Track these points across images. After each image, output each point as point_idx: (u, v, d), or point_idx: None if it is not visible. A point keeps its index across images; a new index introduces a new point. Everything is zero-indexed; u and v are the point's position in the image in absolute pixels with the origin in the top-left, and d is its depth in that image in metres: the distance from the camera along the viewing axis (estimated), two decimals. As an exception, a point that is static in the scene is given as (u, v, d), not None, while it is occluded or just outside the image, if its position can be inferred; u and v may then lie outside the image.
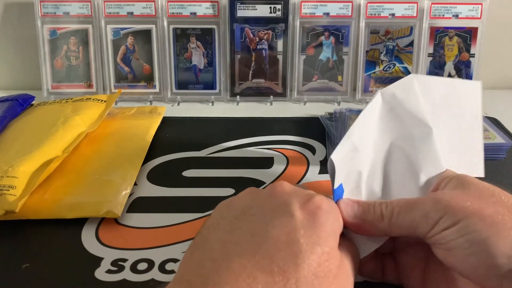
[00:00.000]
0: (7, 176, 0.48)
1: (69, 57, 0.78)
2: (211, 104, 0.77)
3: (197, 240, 0.31)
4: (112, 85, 0.78)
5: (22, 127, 0.60)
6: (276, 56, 0.77)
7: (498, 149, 0.58)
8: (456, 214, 0.30)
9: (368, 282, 0.39)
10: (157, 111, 0.70)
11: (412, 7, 0.75)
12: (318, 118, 0.70)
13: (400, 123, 0.38)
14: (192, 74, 0.78)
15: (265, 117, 0.72)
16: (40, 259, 0.42)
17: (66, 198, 0.48)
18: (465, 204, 0.31)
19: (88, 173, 0.53)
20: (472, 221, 0.30)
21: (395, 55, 0.77)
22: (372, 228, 0.34)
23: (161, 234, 0.45)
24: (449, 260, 0.31)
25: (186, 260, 0.30)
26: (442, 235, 0.30)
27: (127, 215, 0.48)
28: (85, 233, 0.45)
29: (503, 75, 0.87)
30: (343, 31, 0.76)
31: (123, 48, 0.77)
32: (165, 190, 0.52)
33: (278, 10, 0.76)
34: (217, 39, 0.77)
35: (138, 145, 0.59)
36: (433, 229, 0.31)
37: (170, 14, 0.76)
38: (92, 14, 0.76)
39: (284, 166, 0.57)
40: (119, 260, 0.42)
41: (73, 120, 0.60)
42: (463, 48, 0.76)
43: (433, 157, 0.36)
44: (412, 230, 0.32)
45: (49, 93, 0.78)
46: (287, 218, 0.30)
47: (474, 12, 0.75)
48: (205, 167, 0.57)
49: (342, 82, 0.78)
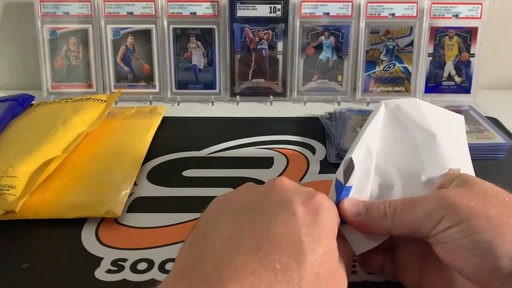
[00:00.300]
0: (7, 176, 0.48)
1: (69, 57, 0.78)
2: (211, 104, 0.77)
3: (195, 234, 0.31)
4: (112, 85, 0.78)
5: (22, 127, 0.60)
6: (276, 56, 0.77)
7: (498, 149, 0.58)
8: (460, 213, 0.30)
9: (368, 282, 0.39)
10: (157, 111, 0.70)
11: (412, 7, 0.75)
12: (318, 118, 0.70)
13: (404, 130, 0.38)
14: (192, 74, 0.78)
15: (265, 117, 0.72)
16: (40, 259, 0.42)
17: (66, 198, 0.48)
18: (470, 203, 0.30)
19: (88, 173, 0.53)
20: (477, 221, 0.29)
21: (395, 55, 0.77)
22: (375, 226, 0.34)
23: (161, 234, 0.45)
24: (450, 260, 0.31)
25: (184, 254, 0.29)
26: (445, 234, 0.30)
27: (127, 215, 0.48)
28: (85, 233, 0.45)
29: (503, 75, 0.87)
30: (343, 31, 0.76)
31: (123, 48, 0.77)
32: (165, 190, 0.52)
33: (278, 10, 0.76)
34: (217, 39, 0.77)
35: (138, 145, 0.59)
36: (436, 227, 0.30)
37: (170, 14, 0.76)
38: (92, 14, 0.76)
39: (284, 166, 0.57)
40: (119, 260, 0.41)
41: (73, 120, 0.60)
42: (463, 48, 0.76)
43: (437, 160, 0.36)
44: (415, 228, 0.32)
45: (49, 93, 0.78)
46: (289, 216, 0.29)
47: (474, 12, 0.75)
48: (205, 167, 0.57)
49: (342, 82, 0.78)
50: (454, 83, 0.77)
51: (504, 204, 0.30)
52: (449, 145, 0.37)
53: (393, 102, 0.39)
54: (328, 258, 0.29)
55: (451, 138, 0.38)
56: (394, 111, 0.39)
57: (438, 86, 0.78)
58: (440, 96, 0.77)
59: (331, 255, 0.29)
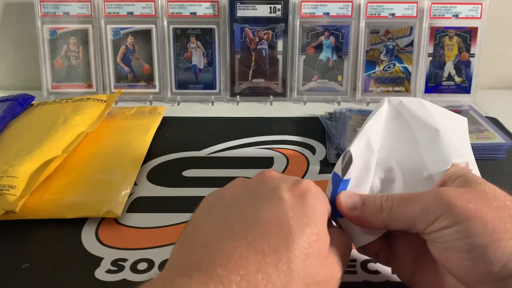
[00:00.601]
0: (7, 176, 0.48)
1: (69, 57, 0.78)
2: (211, 104, 0.77)
3: (187, 230, 0.31)
4: (112, 85, 0.78)
5: (22, 127, 0.60)
6: (276, 56, 0.77)
7: (498, 149, 0.58)
8: (457, 214, 0.29)
9: (368, 282, 0.39)
10: (157, 111, 0.70)
11: (412, 7, 0.75)
12: (318, 118, 0.70)
13: (406, 127, 0.38)
14: (192, 74, 0.78)
15: (265, 117, 0.72)
16: (40, 259, 0.42)
17: (66, 198, 0.48)
18: (468, 204, 0.30)
19: (88, 173, 0.53)
20: (474, 224, 0.29)
21: (395, 55, 0.77)
22: (371, 220, 0.33)
23: (161, 234, 0.45)
24: (443, 259, 0.30)
25: (176, 249, 0.30)
26: (440, 233, 0.30)
27: (127, 215, 0.48)
28: (85, 233, 0.45)
29: (503, 75, 0.87)
30: (343, 31, 0.76)
31: (123, 48, 0.77)
32: (165, 190, 0.52)
33: (278, 10, 0.76)
34: (217, 39, 0.77)
35: (138, 145, 0.59)
36: (432, 226, 0.30)
37: (170, 14, 0.76)
38: (92, 14, 0.76)
39: (284, 166, 0.57)
40: (119, 260, 0.41)
41: (73, 120, 0.60)
42: (463, 48, 0.76)
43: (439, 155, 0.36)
44: (410, 224, 0.32)
45: (49, 93, 0.78)
46: (276, 201, 0.30)
47: (474, 12, 0.75)
48: (205, 167, 0.57)
49: (342, 82, 0.78)
50: (454, 83, 0.77)
51: (503, 209, 0.30)
52: (453, 140, 0.37)
53: (396, 99, 0.39)
54: (317, 239, 0.29)
55: (454, 134, 0.38)
56: (398, 108, 0.39)
57: (438, 86, 0.78)
58: (440, 96, 0.77)
59: (321, 237, 0.30)
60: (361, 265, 0.40)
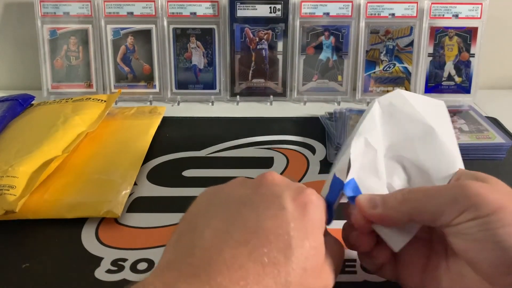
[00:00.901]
0: (7, 176, 0.48)
1: (69, 57, 0.78)
2: (211, 104, 0.77)
3: (183, 226, 0.31)
4: (112, 85, 0.78)
5: (22, 127, 0.60)
6: (276, 56, 0.77)
7: (498, 149, 0.58)
8: (486, 205, 0.29)
9: (368, 282, 0.39)
10: (157, 111, 0.70)
11: (412, 7, 0.75)
12: (318, 118, 0.70)
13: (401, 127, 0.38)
14: (192, 74, 0.78)
15: (265, 117, 0.72)
16: (40, 259, 0.42)
17: (66, 198, 0.48)
18: (494, 196, 0.30)
19: (88, 173, 0.53)
20: (502, 215, 0.29)
21: (395, 55, 0.77)
22: (395, 215, 0.33)
23: (161, 234, 0.45)
24: (468, 252, 0.30)
25: (172, 246, 0.30)
26: (467, 224, 0.29)
27: (127, 215, 0.48)
28: (85, 233, 0.45)
29: (503, 75, 0.87)
30: (343, 31, 0.76)
31: (123, 48, 0.77)
32: (165, 190, 0.52)
33: (278, 10, 0.76)
34: (217, 39, 0.77)
35: (138, 145, 0.59)
36: (459, 217, 0.30)
37: (170, 14, 0.76)
38: (92, 14, 0.76)
39: (284, 166, 0.57)
40: (119, 260, 0.41)
41: (73, 120, 0.60)
42: (463, 48, 0.76)
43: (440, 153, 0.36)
44: (437, 215, 0.31)
45: (49, 93, 0.78)
46: (278, 210, 0.30)
47: (474, 12, 0.75)
48: (205, 167, 0.57)
49: (342, 82, 0.78)
50: (454, 83, 0.77)
51: None
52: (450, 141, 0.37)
53: (386, 99, 0.39)
54: (315, 253, 0.29)
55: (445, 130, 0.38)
56: (389, 109, 0.39)
57: (438, 86, 0.78)
58: (440, 96, 0.77)
59: (318, 250, 0.30)
60: (361, 265, 0.40)
